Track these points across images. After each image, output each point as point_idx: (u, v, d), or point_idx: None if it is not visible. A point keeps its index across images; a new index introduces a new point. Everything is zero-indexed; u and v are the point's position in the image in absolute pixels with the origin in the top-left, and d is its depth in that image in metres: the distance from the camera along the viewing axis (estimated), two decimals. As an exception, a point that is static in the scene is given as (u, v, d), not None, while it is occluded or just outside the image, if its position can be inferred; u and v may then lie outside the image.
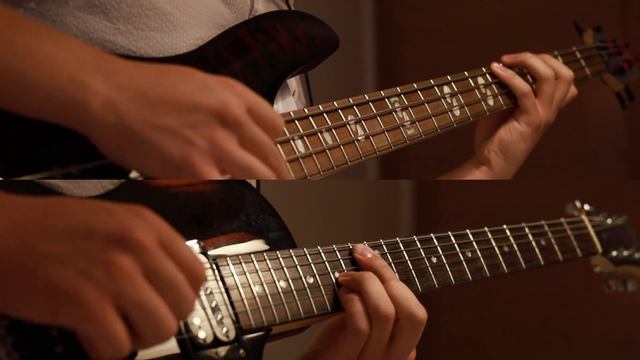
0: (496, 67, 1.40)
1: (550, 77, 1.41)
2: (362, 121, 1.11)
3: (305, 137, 1.03)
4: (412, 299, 0.99)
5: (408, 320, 0.98)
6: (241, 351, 0.87)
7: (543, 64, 1.42)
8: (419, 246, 1.09)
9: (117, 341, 0.71)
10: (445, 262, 1.11)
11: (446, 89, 1.27)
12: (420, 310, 0.99)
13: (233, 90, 0.84)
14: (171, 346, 0.83)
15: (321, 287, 0.97)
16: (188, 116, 0.81)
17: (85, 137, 0.82)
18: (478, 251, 1.16)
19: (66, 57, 0.80)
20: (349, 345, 0.98)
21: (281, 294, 0.93)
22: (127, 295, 0.71)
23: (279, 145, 0.99)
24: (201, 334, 0.85)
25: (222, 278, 0.89)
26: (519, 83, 1.39)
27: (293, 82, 1.17)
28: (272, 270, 0.94)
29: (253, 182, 1.06)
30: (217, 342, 0.86)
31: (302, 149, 1.02)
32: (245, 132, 0.83)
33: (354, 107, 1.11)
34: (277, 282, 0.93)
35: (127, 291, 0.71)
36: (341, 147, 1.07)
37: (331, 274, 0.99)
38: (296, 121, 1.03)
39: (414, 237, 1.10)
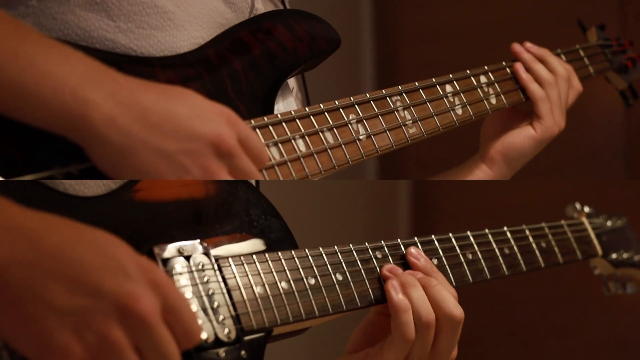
0: (519, 67, 1.40)
1: (565, 77, 1.41)
2: (364, 120, 1.11)
3: (306, 137, 1.03)
4: (450, 300, 1.02)
5: (446, 321, 1.01)
6: (242, 352, 0.87)
7: (560, 65, 1.42)
8: (420, 248, 1.09)
9: None
10: (445, 263, 1.11)
11: (448, 88, 1.26)
12: (457, 310, 1.02)
13: (228, 121, 0.87)
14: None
15: (323, 288, 0.97)
16: (185, 143, 0.84)
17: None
18: (479, 253, 1.15)
19: (69, 72, 0.81)
20: (396, 353, 1.00)
21: (283, 295, 0.93)
22: None
23: (280, 145, 0.99)
24: (202, 335, 0.85)
25: (224, 279, 0.89)
26: (535, 88, 1.39)
27: (291, 79, 1.16)
28: (273, 271, 0.93)
29: (252, 182, 1.05)
30: (218, 342, 0.86)
31: (303, 148, 1.02)
32: (236, 163, 0.87)
33: (355, 105, 1.10)
34: (278, 283, 0.93)
35: None
36: (342, 146, 1.07)
37: (333, 275, 0.98)
38: (297, 120, 1.02)
39: (415, 238, 1.09)
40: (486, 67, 1.36)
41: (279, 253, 0.95)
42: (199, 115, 0.85)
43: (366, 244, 1.04)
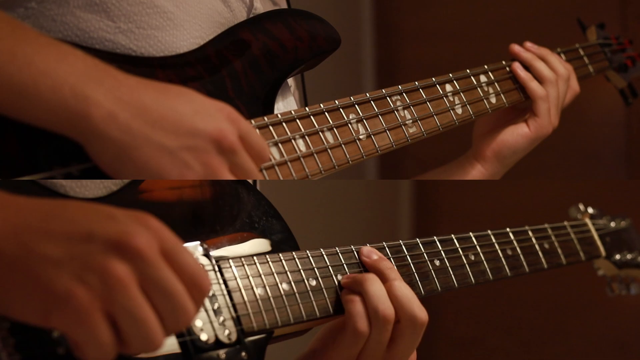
0: (517, 66, 1.40)
1: (566, 77, 1.41)
2: (364, 120, 1.10)
3: (306, 136, 1.02)
4: (414, 300, 0.99)
5: (409, 322, 0.98)
6: (243, 353, 0.87)
7: (561, 64, 1.41)
8: (422, 249, 1.08)
9: (103, 347, 0.71)
10: (448, 265, 1.10)
11: (448, 87, 1.26)
12: (421, 312, 0.98)
13: (228, 118, 0.87)
14: (173, 348, 0.83)
15: (324, 289, 0.97)
16: (187, 139, 0.83)
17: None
18: (481, 254, 1.15)
19: (68, 69, 0.81)
20: (347, 346, 0.97)
21: (283, 296, 0.92)
22: (118, 303, 0.71)
23: (280, 145, 0.99)
24: (203, 336, 0.85)
25: (224, 280, 0.89)
26: (535, 86, 1.38)
27: (289, 79, 1.16)
28: (274, 273, 0.93)
29: (250, 181, 1.05)
30: (219, 344, 0.86)
31: (303, 148, 1.02)
32: (237, 159, 0.86)
33: (356, 105, 1.10)
34: (279, 285, 0.93)
35: (119, 299, 0.71)
36: (342, 146, 1.07)
37: (334, 276, 0.98)
38: (297, 120, 1.02)
39: (417, 240, 1.09)
40: (486, 67, 1.36)
41: (280, 254, 0.95)
42: (200, 112, 0.85)
43: (367, 245, 1.03)
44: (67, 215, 0.73)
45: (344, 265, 1.00)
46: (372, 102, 1.13)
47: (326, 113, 1.06)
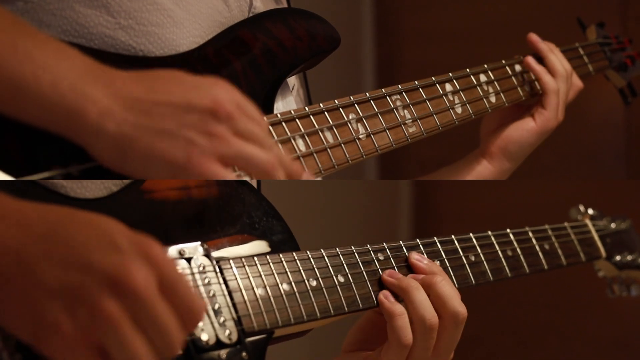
0: (530, 60, 1.41)
1: (570, 73, 1.42)
2: (364, 119, 1.10)
3: (306, 136, 1.02)
4: (456, 297, 1.01)
5: (451, 319, 1.00)
6: (243, 354, 0.87)
7: (565, 61, 1.43)
8: (422, 250, 1.08)
9: None
10: (448, 265, 1.10)
11: (448, 87, 1.26)
12: (462, 308, 1.01)
13: (222, 88, 0.85)
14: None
15: (324, 290, 0.96)
16: (184, 117, 0.82)
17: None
18: (481, 255, 1.15)
19: (68, 65, 0.81)
20: (394, 357, 0.99)
21: (284, 296, 0.92)
22: (107, 338, 0.71)
23: (279, 145, 0.99)
24: (204, 336, 0.84)
25: (225, 281, 0.89)
26: (549, 80, 1.39)
27: (292, 77, 1.16)
28: (275, 273, 0.93)
29: (253, 183, 1.05)
30: (219, 344, 0.85)
31: (303, 147, 1.02)
32: (238, 125, 0.84)
33: (355, 105, 1.10)
34: (280, 285, 0.93)
35: (108, 334, 0.71)
36: (342, 145, 1.07)
37: (334, 277, 0.98)
38: (297, 120, 1.02)
39: (417, 240, 1.09)
40: (485, 66, 1.36)
41: (280, 255, 0.95)
42: (192, 88, 0.84)
43: (368, 245, 1.04)
44: (68, 235, 0.72)
45: (344, 265, 1.00)
46: (371, 101, 1.13)
47: (326, 113, 1.06)
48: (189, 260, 0.88)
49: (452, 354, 1.04)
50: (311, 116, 1.04)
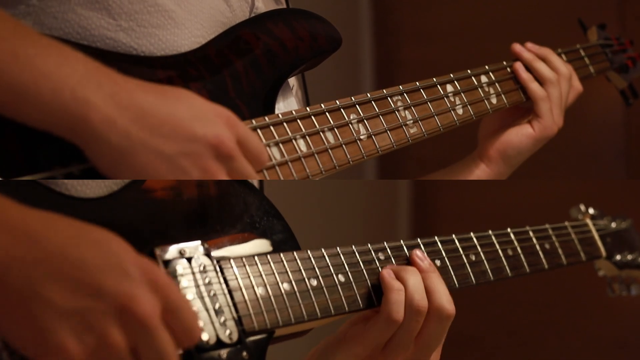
0: (519, 67, 1.40)
1: (568, 77, 1.41)
2: (365, 120, 1.10)
3: (307, 137, 1.02)
4: (444, 293, 1.02)
5: (436, 312, 1.00)
6: (244, 353, 0.87)
7: (563, 64, 1.42)
8: (423, 249, 1.08)
9: None
10: (448, 264, 1.10)
11: (449, 88, 1.26)
12: (449, 305, 1.01)
13: (227, 123, 0.87)
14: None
15: (325, 289, 0.96)
16: (185, 145, 0.84)
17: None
18: (482, 254, 1.15)
19: (69, 72, 0.81)
20: (379, 331, 0.99)
21: (284, 296, 0.92)
22: None
23: (281, 145, 0.99)
24: (204, 336, 0.85)
25: (225, 280, 0.89)
26: (536, 88, 1.39)
27: (291, 78, 1.16)
28: (275, 273, 0.93)
29: (255, 183, 1.05)
30: (220, 344, 0.85)
31: (304, 148, 1.01)
32: (235, 165, 0.87)
33: (356, 105, 1.10)
34: (280, 285, 0.93)
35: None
36: (343, 146, 1.07)
37: (335, 276, 0.98)
38: (298, 120, 1.02)
39: (418, 240, 1.09)
40: (487, 67, 1.36)
41: (281, 254, 0.95)
42: (198, 117, 0.85)
43: (369, 245, 1.04)
44: (79, 255, 0.73)
45: (345, 265, 1.00)
46: (373, 102, 1.13)
47: (327, 113, 1.06)
48: (189, 259, 0.88)
49: (435, 354, 1.04)
50: (312, 116, 1.04)
